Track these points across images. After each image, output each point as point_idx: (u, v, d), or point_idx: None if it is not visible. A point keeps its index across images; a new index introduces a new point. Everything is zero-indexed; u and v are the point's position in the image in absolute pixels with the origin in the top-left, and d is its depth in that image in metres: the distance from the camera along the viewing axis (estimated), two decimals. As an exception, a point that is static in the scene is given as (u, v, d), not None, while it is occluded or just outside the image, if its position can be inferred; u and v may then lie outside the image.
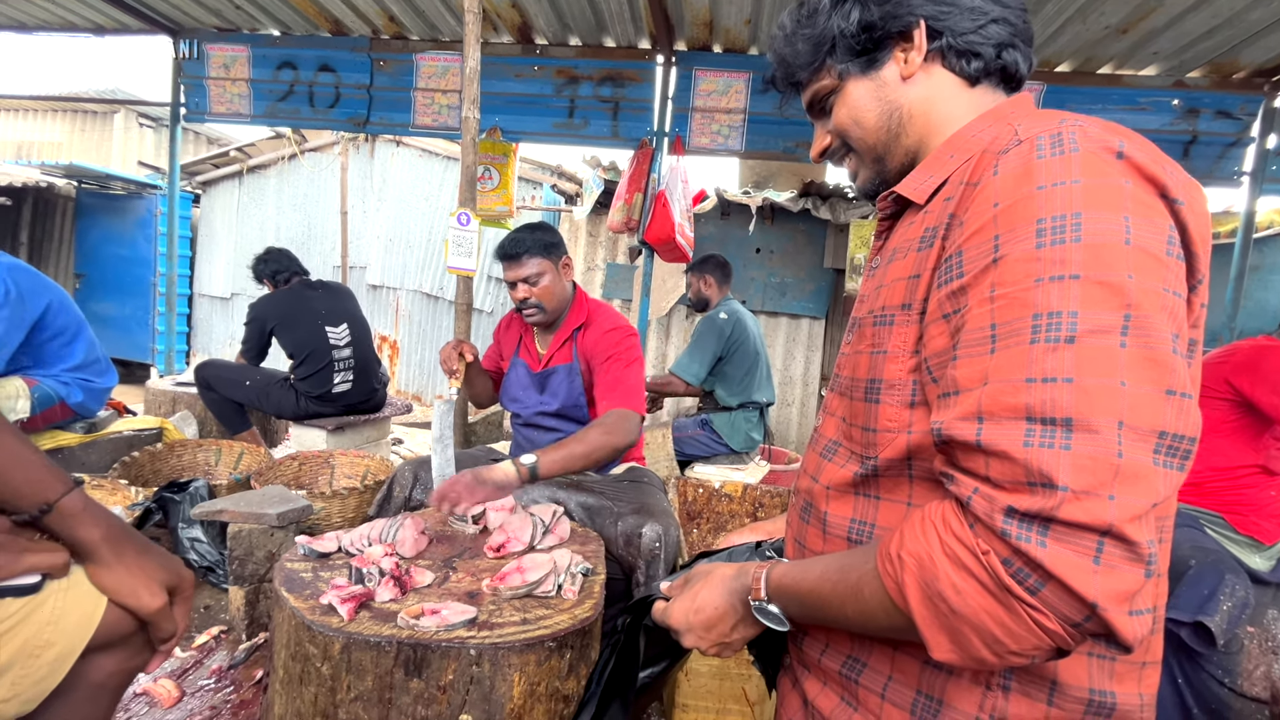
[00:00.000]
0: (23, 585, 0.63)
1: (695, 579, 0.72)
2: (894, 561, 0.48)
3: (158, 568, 0.72)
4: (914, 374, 0.56)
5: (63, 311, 2.31)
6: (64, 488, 0.66)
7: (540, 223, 1.92)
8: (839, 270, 4.55)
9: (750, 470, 2.83)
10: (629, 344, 1.79)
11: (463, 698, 0.99)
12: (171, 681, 1.51)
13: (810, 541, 0.68)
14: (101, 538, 0.68)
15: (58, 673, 0.65)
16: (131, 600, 0.69)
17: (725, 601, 0.68)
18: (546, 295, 1.80)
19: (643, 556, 1.51)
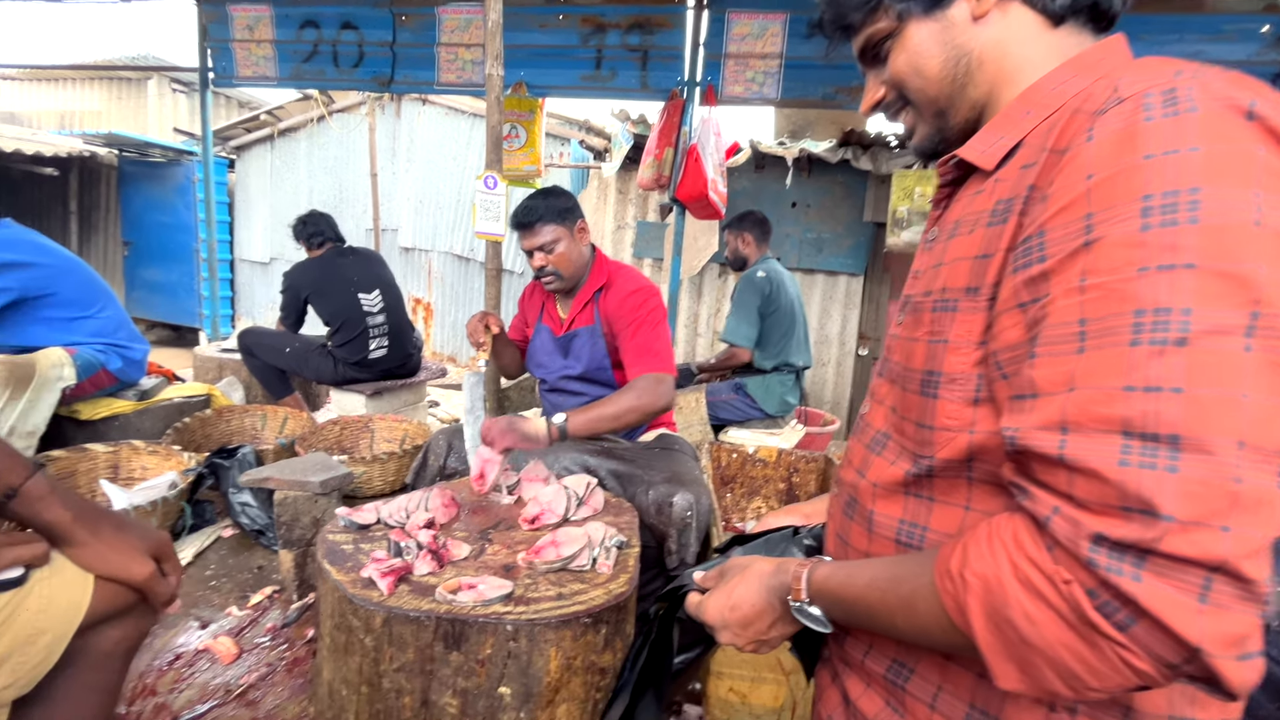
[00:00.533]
0: (6, 580, 0.65)
1: (731, 573, 0.70)
2: (955, 580, 0.44)
3: (138, 539, 0.74)
4: (979, 368, 0.51)
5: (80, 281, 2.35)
6: (26, 472, 0.67)
7: (553, 187, 1.88)
8: (879, 224, 4.36)
9: (785, 434, 2.79)
10: (652, 305, 1.76)
11: (501, 671, 1.01)
12: (230, 639, 1.60)
13: (854, 539, 0.64)
14: (73, 519, 0.70)
15: (53, 656, 0.68)
16: (120, 573, 0.72)
17: (762, 599, 0.65)
18: (563, 262, 1.78)
19: (674, 525, 1.51)
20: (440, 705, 1.02)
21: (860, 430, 0.68)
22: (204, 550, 2.02)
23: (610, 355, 1.82)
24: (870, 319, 4.62)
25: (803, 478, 2.43)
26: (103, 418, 2.39)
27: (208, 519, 2.15)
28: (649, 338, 1.72)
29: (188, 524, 2.04)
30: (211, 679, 1.48)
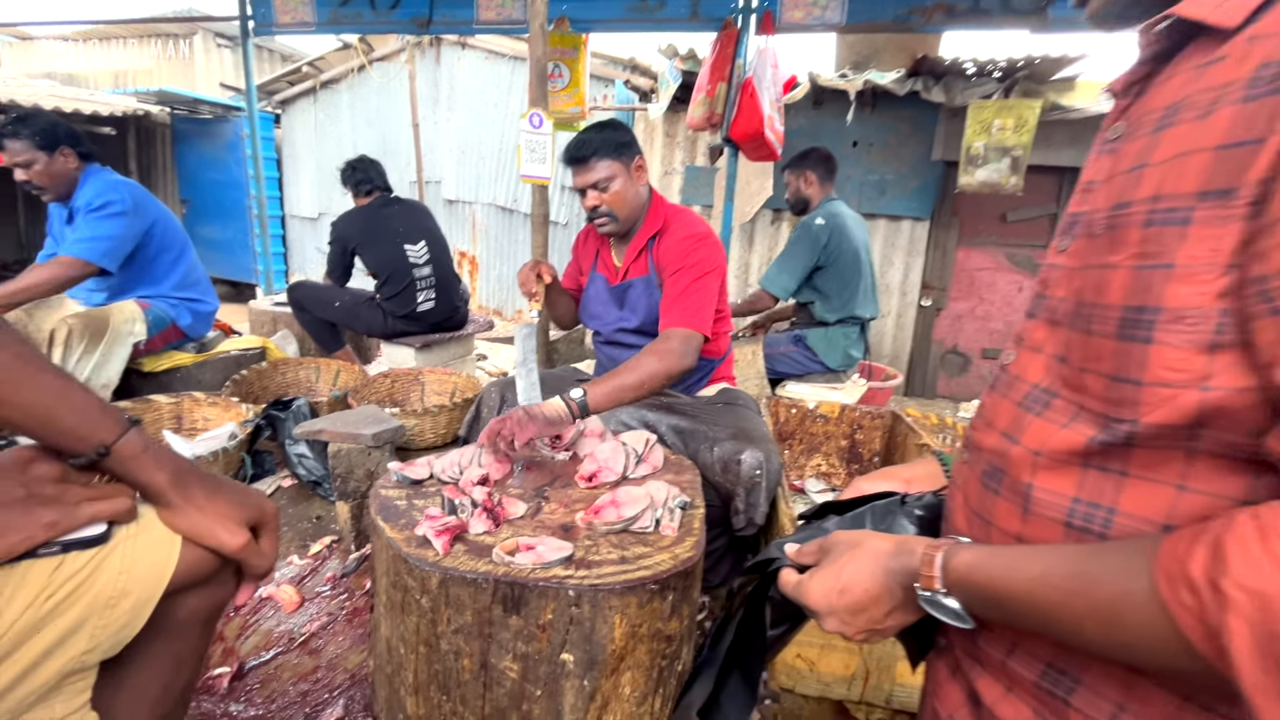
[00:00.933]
0: (88, 537, 0.59)
1: (838, 550, 0.59)
2: (1202, 591, 0.32)
3: (234, 505, 0.67)
4: (1225, 300, 0.37)
5: (169, 230, 2.43)
6: (119, 428, 0.61)
7: (610, 120, 1.72)
8: (949, 163, 4.01)
9: (847, 389, 2.64)
10: (703, 253, 1.60)
11: (563, 637, 0.95)
12: (293, 587, 1.61)
13: (1001, 519, 0.52)
14: (167, 481, 0.63)
15: (138, 620, 0.63)
16: (211, 541, 0.66)
17: (879, 583, 0.54)
18: (618, 202, 1.63)
19: (742, 484, 1.41)
20: (500, 669, 0.97)
21: (1004, 384, 0.55)
22: (265, 499, 2.05)
23: None
24: (935, 267, 4.32)
25: (867, 435, 2.29)
26: (165, 370, 2.44)
27: (268, 469, 2.19)
28: (688, 288, 1.56)
29: (248, 474, 2.08)
30: (275, 626, 1.50)
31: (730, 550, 1.67)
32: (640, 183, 1.68)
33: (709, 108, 3.32)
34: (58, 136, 2.18)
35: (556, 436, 1.42)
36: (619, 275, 1.78)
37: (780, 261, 2.72)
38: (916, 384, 4.50)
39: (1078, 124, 3.63)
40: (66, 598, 0.58)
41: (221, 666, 1.34)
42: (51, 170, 2.19)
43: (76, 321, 2.11)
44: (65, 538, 0.58)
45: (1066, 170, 3.95)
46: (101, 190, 2.23)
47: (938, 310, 4.40)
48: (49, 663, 0.58)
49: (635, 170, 1.65)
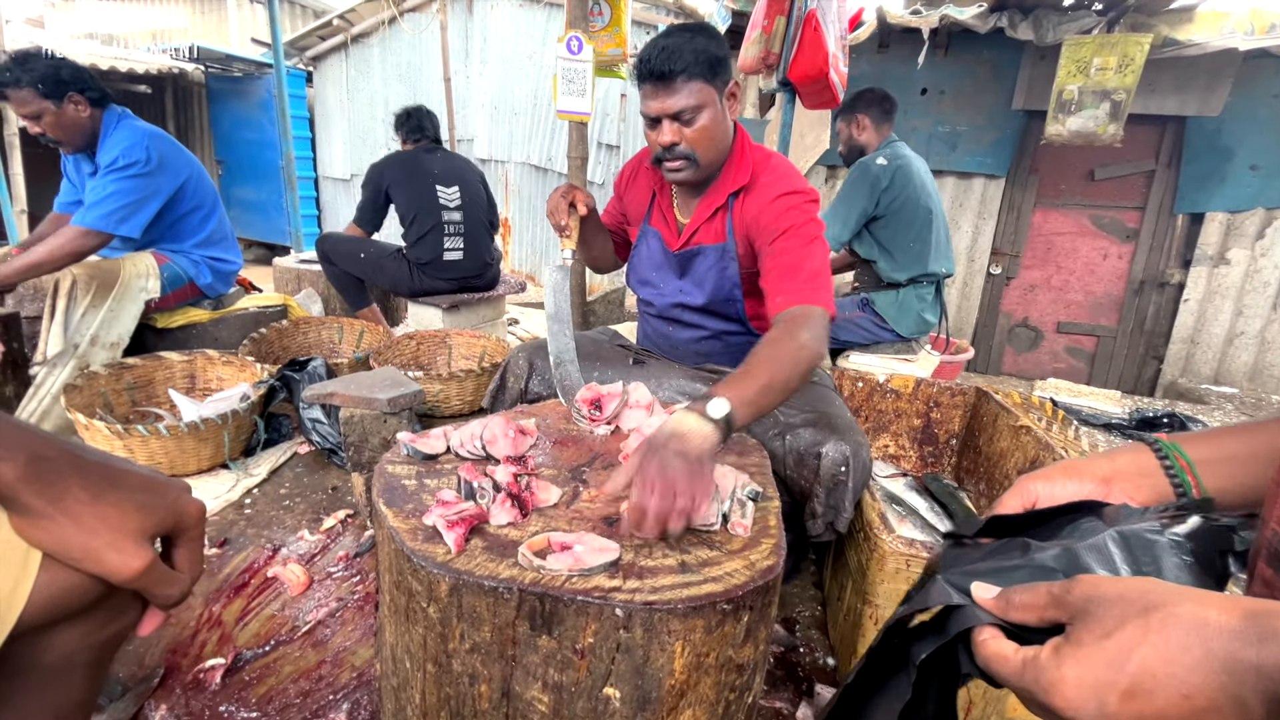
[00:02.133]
0: None
1: (1107, 609, 0.35)
2: None
3: (133, 509, 0.45)
4: None
5: (200, 186, 2.27)
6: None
7: (703, 24, 1.31)
8: (1032, 113, 3.58)
9: (921, 361, 2.35)
10: (809, 214, 1.25)
11: (608, 667, 0.73)
12: (301, 567, 1.45)
13: None
14: (19, 475, 0.42)
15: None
16: (91, 565, 0.44)
17: (1218, 685, 0.31)
18: (704, 140, 1.24)
19: (822, 483, 1.17)
20: (527, 700, 0.76)
21: None
22: (279, 467, 1.90)
23: (745, 283, 1.37)
24: (1008, 230, 3.92)
25: (944, 413, 2.01)
26: (179, 326, 2.30)
27: (284, 434, 2.03)
28: (802, 256, 1.21)
29: (261, 438, 1.92)
30: (279, 610, 1.33)
31: (792, 550, 1.44)
32: (732, 115, 1.30)
33: (765, 46, 2.97)
34: (63, 81, 1.96)
35: (597, 407, 1.19)
36: (682, 238, 1.42)
37: (833, 207, 2.38)
38: (981, 359, 4.14)
39: (1187, 64, 3.16)
40: None
41: (215, 658, 1.18)
42: (63, 121, 2.00)
43: (83, 272, 1.96)
44: None
45: (1170, 120, 3.48)
46: (129, 148, 2.03)
47: (1008, 279, 4.01)
48: None
49: (728, 99, 1.27)
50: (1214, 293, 3.62)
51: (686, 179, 1.31)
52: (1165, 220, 3.67)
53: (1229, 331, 3.64)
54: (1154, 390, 3.86)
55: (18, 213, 4.74)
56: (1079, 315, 3.95)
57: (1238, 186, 3.44)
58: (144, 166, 2.05)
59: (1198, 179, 3.50)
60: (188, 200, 2.21)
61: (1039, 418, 1.96)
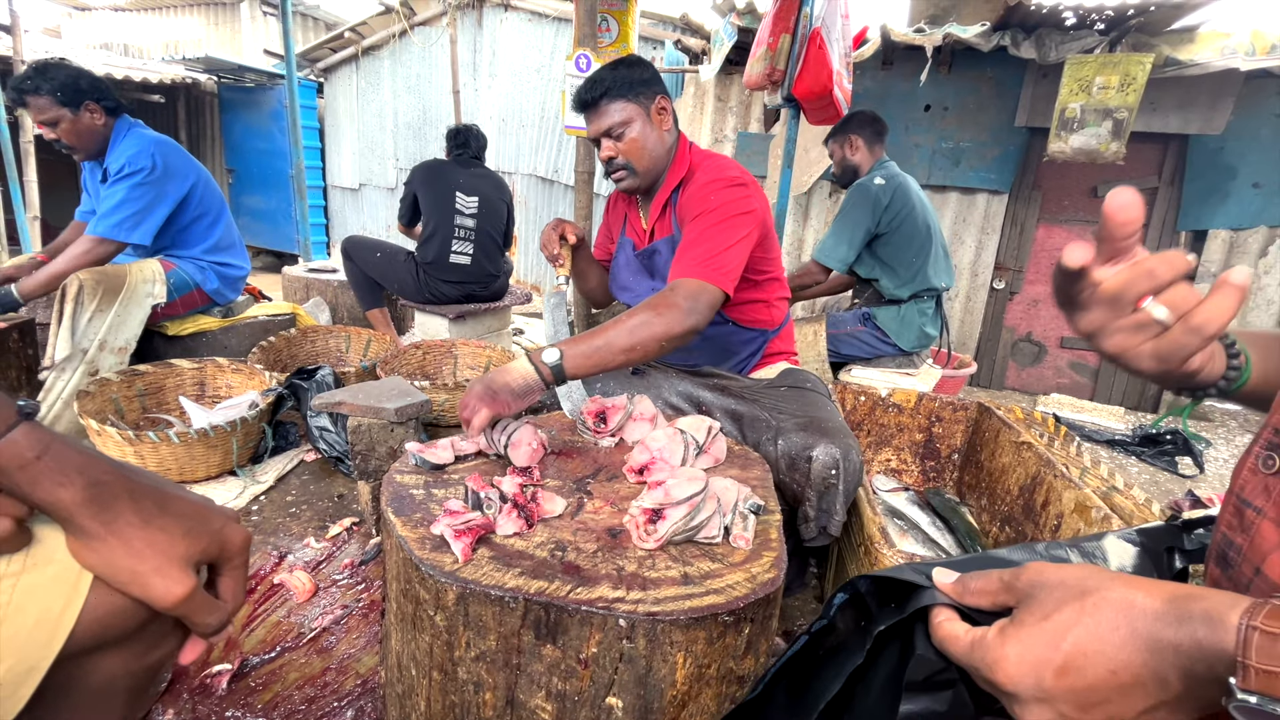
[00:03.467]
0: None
1: (1047, 594, 0.37)
2: None
3: (180, 535, 0.47)
4: None
5: (208, 193, 2.31)
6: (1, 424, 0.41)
7: (628, 56, 1.45)
8: (1035, 130, 3.61)
9: (923, 375, 2.36)
10: (730, 195, 1.32)
11: (611, 677, 0.74)
12: (307, 574, 1.46)
13: None
14: (76, 500, 0.43)
15: (10, 701, 0.43)
16: (137, 589, 0.45)
17: (1139, 661, 0.33)
18: (636, 151, 1.39)
19: (813, 486, 1.18)
20: (530, 708, 0.78)
21: None
22: (285, 474, 1.92)
23: None
24: (1011, 246, 3.94)
25: (946, 428, 2.02)
26: (189, 333, 2.33)
27: (291, 441, 2.06)
28: (704, 232, 1.27)
29: (269, 446, 1.95)
30: (285, 616, 1.35)
31: (794, 555, 1.45)
32: (663, 127, 1.42)
33: (770, 63, 3.01)
34: (81, 90, 2.02)
35: (601, 419, 1.21)
36: (646, 239, 1.54)
37: (835, 229, 2.41)
38: (984, 373, 4.15)
39: (1189, 84, 3.19)
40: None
41: (222, 663, 1.20)
42: (79, 128, 2.06)
43: (90, 277, 1.99)
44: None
45: (1172, 138, 3.51)
46: (135, 155, 2.08)
47: (1011, 294, 4.02)
48: None
49: (657, 113, 1.40)
50: (1217, 310, 3.62)
51: (630, 186, 1.46)
52: (1168, 237, 3.68)
53: (1233, 348, 3.63)
54: (1157, 407, 3.86)
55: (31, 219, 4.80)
56: (1082, 331, 3.95)
57: (1240, 204, 3.46)
58: (150, 174, 2.09)
59: (1200, 196, 3.51)
60: (194, 207, 2.25)
61: (1041, 434, 1.97)
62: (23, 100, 1.97)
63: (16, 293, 2.00)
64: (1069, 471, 1.42)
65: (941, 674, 0.49)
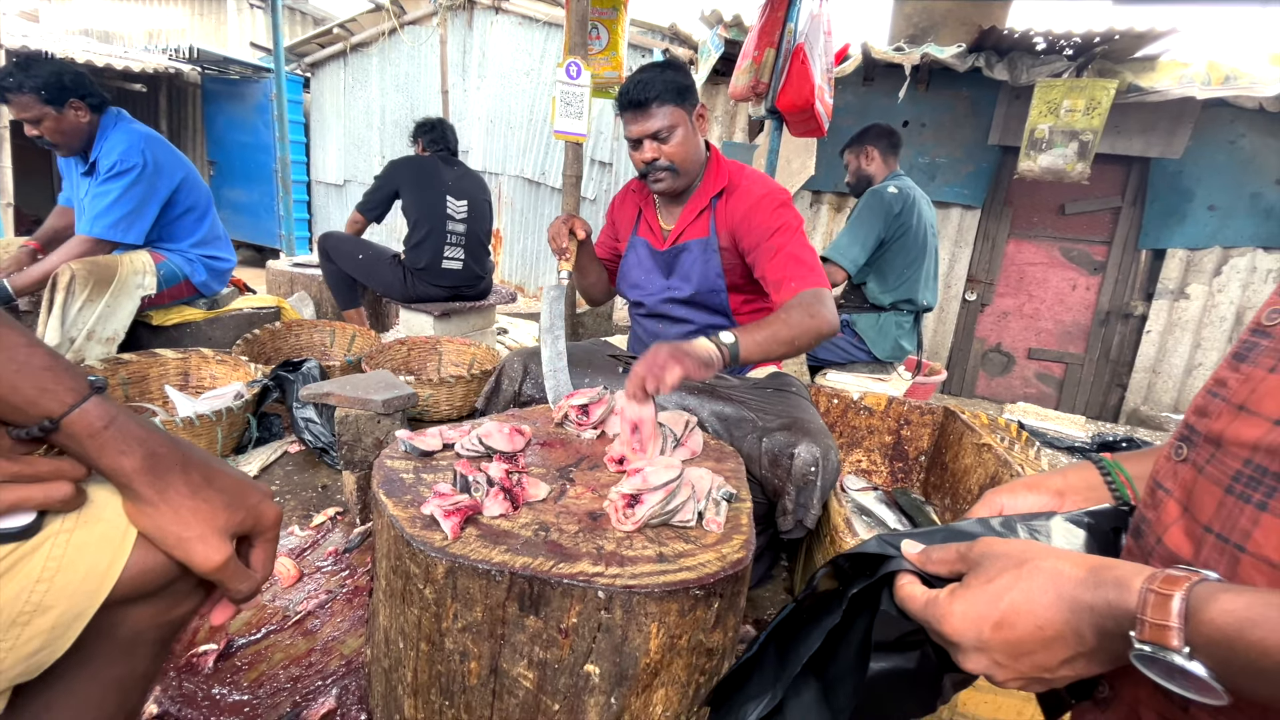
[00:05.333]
0: (8, 529, 0.45)
1: (992, 563, 0.43)
2: None
3: (221, 508, 0.52)
4: None
5: (195, 187, 2.32)
6: (73, 397, 0.46)
7: (671, 59, 1.52)
8: (1007, 148, 3.76)
9: (894, 382, 2.45)
10: (790, 214, 1.43)
11: (589, 646, 0.80)
12: (291, 560, 1.49)
13: (1265, 543, 0.36)
14: (136, 468, 0.48)
15: (61, 641, 0.48)
16: (179, 554, 0.50)
17: (1061, 620, 0.39)
18: (681, 155, 1.44)
19: (793, 481, 1.25)
20: (513, 676, 0.83)
21: (1260, 354, 0.39)
22: (269, 465, 1.94)
23: (726, 275, 1.51)
24: (983, 259, 4.08)
25: (914, 431, 2.11)
26: (174, 324, 2.33)
27: (275, 433, 2.07)
28: (798, 247, 1.39)
29: (253, 436, 1.97)
30: (270, 600, 1.38)
31: (768, 550, 1.52)
32: (702, 133, 1.50)
33: (754, 76, 3.10)
34: (65, 88, 2.00)
35: (584, 412, 1.26)
36: (668, 240, 1.59)
37: (849, 231, 2.47)
38: (955, 382, 4.28)
39: (1151, 109, 3.35)
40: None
41: (208, 643, 1.22)
42: (63, 126, 2.04)
43: (81, 267, 2.00)
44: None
45: (1135, 160, 3.67)
46: (126, 152, 2.08)
47: (983, 305, 4.16)
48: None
49: (698, 119, 1.47)
50: (1174, 325, 3.79)
51: (669, 188, 1.51)
52: (1130, 255, 3.85)
53: (1188, 362, 3.81)
54: (1118, 416, 4.02)
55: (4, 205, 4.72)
56: (1048, 342, 4.11)
57: (1197, 225, 3.63)
58: (142, 172, 2.09)
59: (1160, 217, 3.68)
60: (182, 201, 2.26)
61: (1002, 438, 2.07)
62: (4, 98, 1.96)
63: (9, 287, 2.00)
64: (1024, 471, 1.51)
65: (911, 635, 0.55)
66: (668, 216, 1.60)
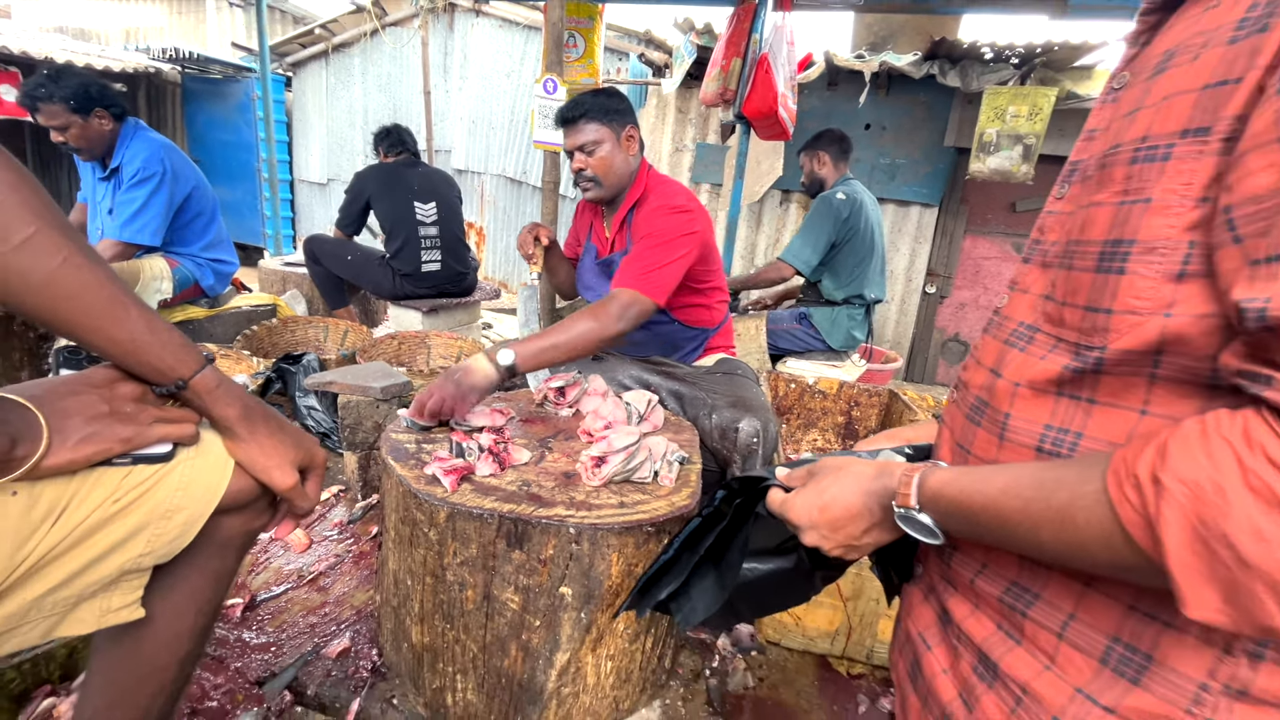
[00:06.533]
0: (155, 454, 0.64)
1: (823, 472, 0.64)
2: (1144, 486, 0.36)
3: (290, 447, 0.71)
4: (1193, 232, 0.40)
5: (204, 193, 2.47)
6: (197, 365, 0.65)
7: (609, 87, 1.73)
8: (961, 150, 4.00)
9: (846, 368, 2.68)
10: (673, 221, 1.57)
11: (563, 572, 1.00)
12: (302, 530, 1.67)
13: (979, 448, 0.56)
14: (236, 416, 0.67)
15: (189, 533, 0.67)
16: (264, 476, 0.70)
17: (859, 502, 0.59)
18: (603, 168, 1.64)
19: (739, 451, 1.46)
20: (502, 600, 1.03)
21: (995, 326, 0.59)
22: (275, 449, 2.11)
23: None
24: (941, 255, 4.33)
25: (863, 412, 2.33)
26: (178, 321, 2.48)
27: (277, 421, 2.24)
28: (645, 251, 1.51)
29: (259, 424, 2.13)
30: (285, 565, 1.56)
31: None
32: (629, 152, 1.68)
33: (723, 83, 3.30)
34: (91, 98, 2.15)
35: (561, 394, 1.46)
36: (607, 248, 1.80)
37: (803, 235, 2.70)
38: (917, 369, 4.54)
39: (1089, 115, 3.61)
40: (131, 503, 0.63)
41: (234, 598, 1.40)
42: (88, 134, 2.19)
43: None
44: (136, 452, 0.63)
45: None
46: (148, 160, 2.23)
47: (941, 298, 4.42)
48: (112, 557, 0.63)
49: (625, 139, 1.66)
50: (1116, 315, 4.07)
51: (596, 197, 1.71)
52: (1076, 249, 4.12)
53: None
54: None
55: None
56: (1003, 332, 4.38)
57: (1135, 222, 3.91)
58: (162, 178, 2.25)
59: (1102, 214, 3.95)
60: (193, 206, 2.41)
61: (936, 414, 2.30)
62: (35, 106, 2.10)
63: None
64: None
65: (788, 542, 0.77)
66: (608, 225, 1.80)
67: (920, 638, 0.62)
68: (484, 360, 1.32)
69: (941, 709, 0.56)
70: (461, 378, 1.29)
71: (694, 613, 0.77)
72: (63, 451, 0.57)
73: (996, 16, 3.51)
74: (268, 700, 1.17)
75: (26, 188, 0.54)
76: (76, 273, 0.56)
